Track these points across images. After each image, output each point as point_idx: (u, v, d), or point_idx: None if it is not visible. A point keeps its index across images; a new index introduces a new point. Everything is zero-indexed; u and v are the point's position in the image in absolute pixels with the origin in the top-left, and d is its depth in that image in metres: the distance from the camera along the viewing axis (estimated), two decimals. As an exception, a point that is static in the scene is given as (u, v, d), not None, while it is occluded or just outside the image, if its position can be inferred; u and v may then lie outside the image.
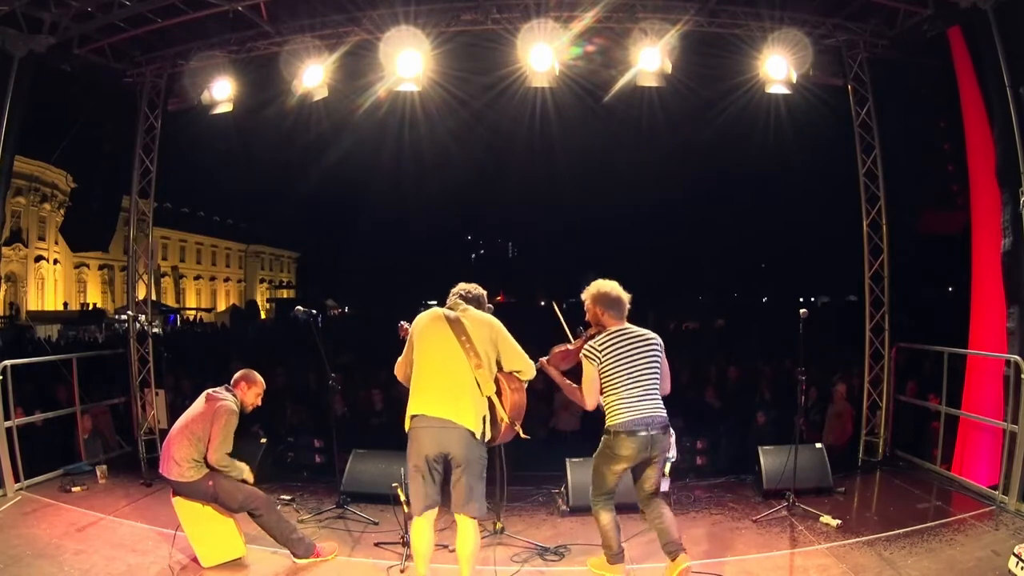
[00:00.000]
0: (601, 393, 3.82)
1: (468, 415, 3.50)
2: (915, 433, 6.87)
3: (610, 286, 3.90)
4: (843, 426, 7.19)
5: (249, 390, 4.42)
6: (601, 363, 3.77)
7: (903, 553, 4.32)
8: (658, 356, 3.85)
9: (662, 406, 3.81)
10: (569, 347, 4.01)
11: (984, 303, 5.88)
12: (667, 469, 4.06)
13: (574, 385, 3.92)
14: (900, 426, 6.81)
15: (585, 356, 3.82)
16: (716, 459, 7.05)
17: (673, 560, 3.77)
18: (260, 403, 4.53)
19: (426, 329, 3.66)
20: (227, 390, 4.38)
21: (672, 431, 3.89)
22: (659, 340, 3.87)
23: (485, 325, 3.64)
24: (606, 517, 3.93)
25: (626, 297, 3.91)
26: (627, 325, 3.88)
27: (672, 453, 4.00)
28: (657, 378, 3.82)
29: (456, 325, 3.58)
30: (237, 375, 4.47)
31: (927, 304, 14.31)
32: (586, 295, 3.94)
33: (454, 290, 3.83)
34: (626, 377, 3.75)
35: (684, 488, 5.83)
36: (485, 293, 3.88)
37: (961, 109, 6.14)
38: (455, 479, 3.56)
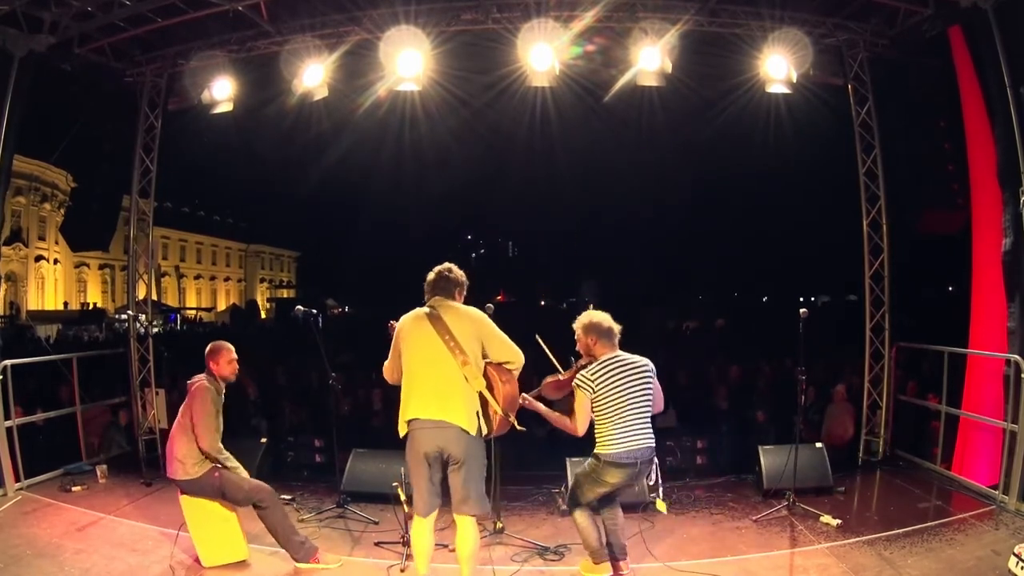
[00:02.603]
0: (593, 420, 3.88)
1: (460, 413, 3.51)
2: (915, 433, 6.86)
3: (601, 316, 3.98)
4: (843, 426, 7.19)
5: (221, 362, 4.35)
6: (595, 392, 3.81)
7: (903, 552, 4.32)
8: (651, 382, 3.91)
9: (652, 435, 3.89)
10: (561, 377, 4.06)
11: (984, 303, 5.88)
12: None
13: (560, 415, 3.97)
14: (900, 426, 6.81)
15: (578, 385, 3.86)
16: (716, 459, 7.05)
17: (614, 565, 3.95)
18: (236, 372, 4.42)
19: (410, 331, 3.65)
20: (201, 373, 4.32)
21: (656, 460, 3.97)
22: (651, 366, 3.93)
23: (468, 320, 3.62)
24: (582, 517, 4.00)
25: (617, 327, 3.97)
26: (619, 353, 3.93)
27: (653, 478, 4.04)
28: (649, 406, 3.89)
29: (438, 323, 3.57)
30: (205, 352, 4.39)
31: (927, 304, 14.30)
32: (577, 325, 4.00)
33: (427, 284, 3.74)
34: (620, 405, 3.79)
35: (684, 488, 5.83)
36: (463, 273, 3.79)
37: (961, 109, 6.13)
38: (453, 477, 3.57)
